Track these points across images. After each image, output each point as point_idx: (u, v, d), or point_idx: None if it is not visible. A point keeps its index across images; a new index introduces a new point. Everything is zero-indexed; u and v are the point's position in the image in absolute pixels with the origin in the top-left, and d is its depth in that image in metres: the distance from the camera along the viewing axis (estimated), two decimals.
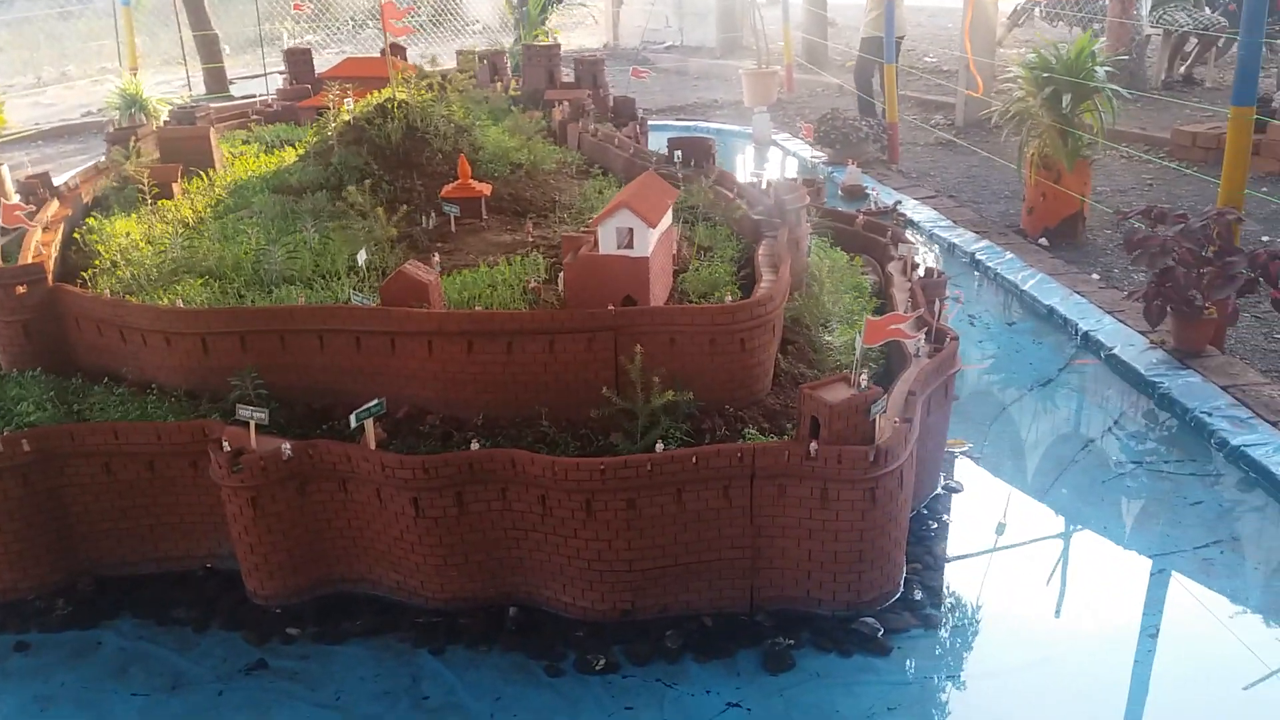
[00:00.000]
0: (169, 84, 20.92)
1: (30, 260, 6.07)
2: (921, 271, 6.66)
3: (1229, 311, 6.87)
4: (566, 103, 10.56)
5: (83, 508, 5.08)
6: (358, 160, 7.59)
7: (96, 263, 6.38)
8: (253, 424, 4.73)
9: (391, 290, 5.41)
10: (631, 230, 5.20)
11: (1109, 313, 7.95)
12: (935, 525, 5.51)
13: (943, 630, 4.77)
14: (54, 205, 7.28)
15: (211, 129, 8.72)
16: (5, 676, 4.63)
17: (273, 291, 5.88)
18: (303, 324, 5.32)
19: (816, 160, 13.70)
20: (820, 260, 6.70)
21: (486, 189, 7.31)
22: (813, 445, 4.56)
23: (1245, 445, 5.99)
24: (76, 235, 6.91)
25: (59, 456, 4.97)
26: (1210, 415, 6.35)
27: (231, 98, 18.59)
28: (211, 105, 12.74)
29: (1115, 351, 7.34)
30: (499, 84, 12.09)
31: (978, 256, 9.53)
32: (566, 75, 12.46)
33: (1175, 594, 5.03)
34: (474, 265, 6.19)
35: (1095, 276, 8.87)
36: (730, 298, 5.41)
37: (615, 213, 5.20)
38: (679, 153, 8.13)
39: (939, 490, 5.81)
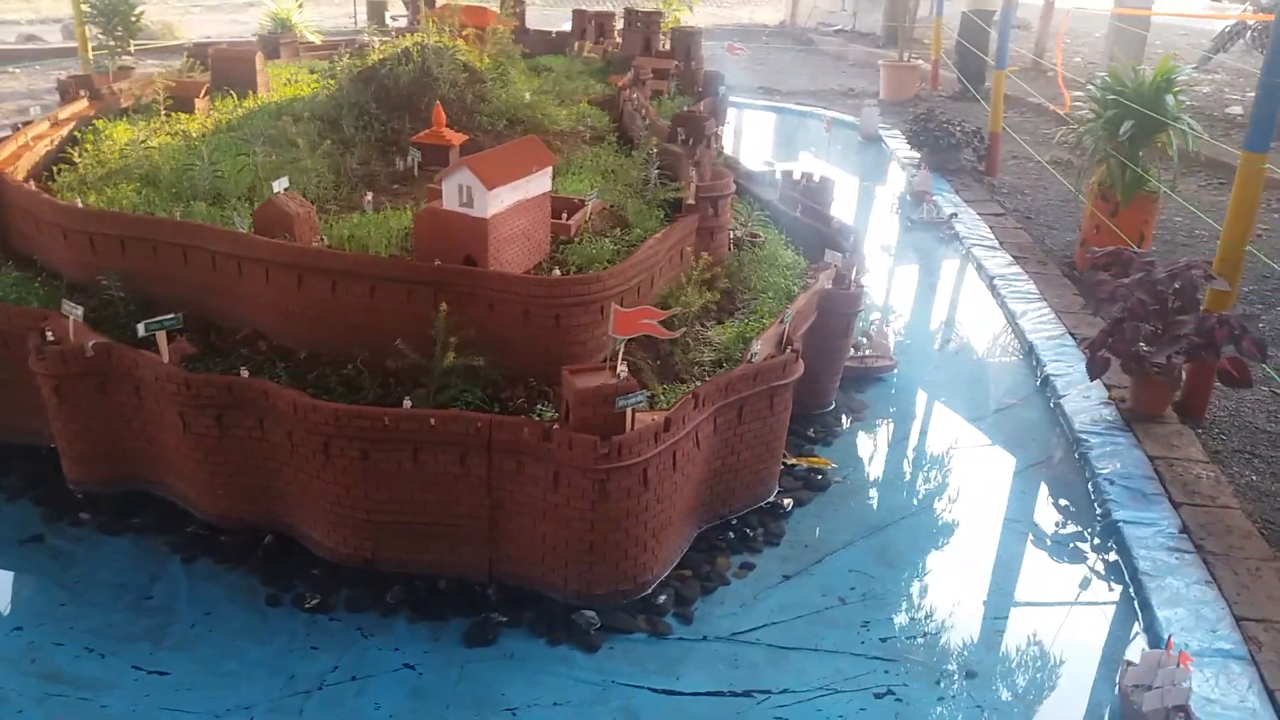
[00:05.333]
0: (339, 16, 22.21)
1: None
2: (829, 283, 6.34)
3: (1174, 375, 6.15)
4: (634, 69, 10.56)
5: None
6: (360, 98, 7.88)
7: (76, 158, 6.97)
8: (72, 319, 5.10)
9: (261, 217, 5.65)
10: (471, 189, 5.21)
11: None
12: (734, 537, 5.28)
13: (666, 643, 4.59)
14: (80, 105, 7.97)
15: (257, 55, 9.21)
16: None
17: (188, 204, 6.25)
18: (169, 236, 5.65)
19: (907, 161, 13.07)
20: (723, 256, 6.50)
21: (458, 139, 7.43)
22: (554, 428, 4.49)
23: (1125, 521, 5.41)
24: (77, 134, 7.54)
25: None
26: (1112, 483, 5.75)
27: (385, 31, 19.46)
28: (356, 38, 13.41)
29: (1062, 400, 6.73)
30: (598, 45, 12.12)
31: (995, 281, 8.89)
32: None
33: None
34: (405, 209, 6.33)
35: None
36: (559, 272, 5.35)
37: (456, 170, 5.23)
38: (681, 129, 8.03)
39: (764, 504, 5.54)
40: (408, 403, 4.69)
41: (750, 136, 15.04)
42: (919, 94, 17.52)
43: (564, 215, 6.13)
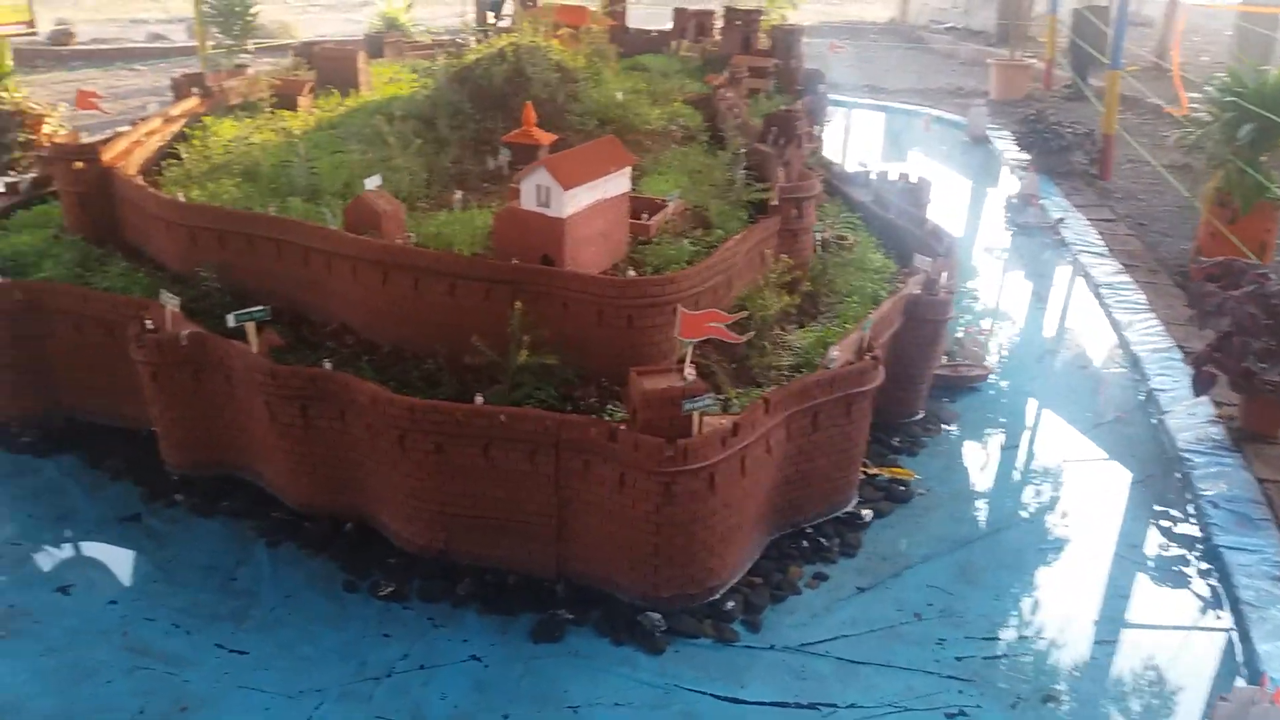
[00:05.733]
0: (448, 15, 22.60)
1: (126, 145, 7.07)
2: (918, 289, 6.18)
3: None
4: (730, 68, 10.50)
5: (61, 358, 5.92)
6: (455, 97, 8.02)
7: (183, 154, 7.27)
8: (169, 309, 5.31)
9: (351, 214, 5.80)
10: (549, 189, 5.24)
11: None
12: (808, 546, 5.19)
13: (732, 650, 4.54)
14: (191, 102, 8.31)
15: (360, 54, 9.44)
16: None
17: (285, 200, 6.45)
18: (264, 231, 5.84)
19: (1016, 164, 12.65)
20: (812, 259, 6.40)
21: (547, 139, 7.48)
22: (620, 429, 4.48)
23: (1227, 546, 5.13)
24: (186, 130, 7.86)
25: (44, 310, 5.81)
26: (1216, 506, 5.46)
27: (484, 31, 19.77)
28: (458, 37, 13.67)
29: (1165, 416, 6.42)
30: (697, 43, 12.09)
31: (1101, 290, 8.53)
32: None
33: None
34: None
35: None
36: (634, 273, 5.34)
37: (534, 170, 5.26)
38: (772, 128, 7.95)
39: (842, 514, 5.43)
40: (479, 399, 4.74)
41: (857, 136, 14.79)
42: (1031, 94, 16.94)
43: (644, 216, 6.12)
